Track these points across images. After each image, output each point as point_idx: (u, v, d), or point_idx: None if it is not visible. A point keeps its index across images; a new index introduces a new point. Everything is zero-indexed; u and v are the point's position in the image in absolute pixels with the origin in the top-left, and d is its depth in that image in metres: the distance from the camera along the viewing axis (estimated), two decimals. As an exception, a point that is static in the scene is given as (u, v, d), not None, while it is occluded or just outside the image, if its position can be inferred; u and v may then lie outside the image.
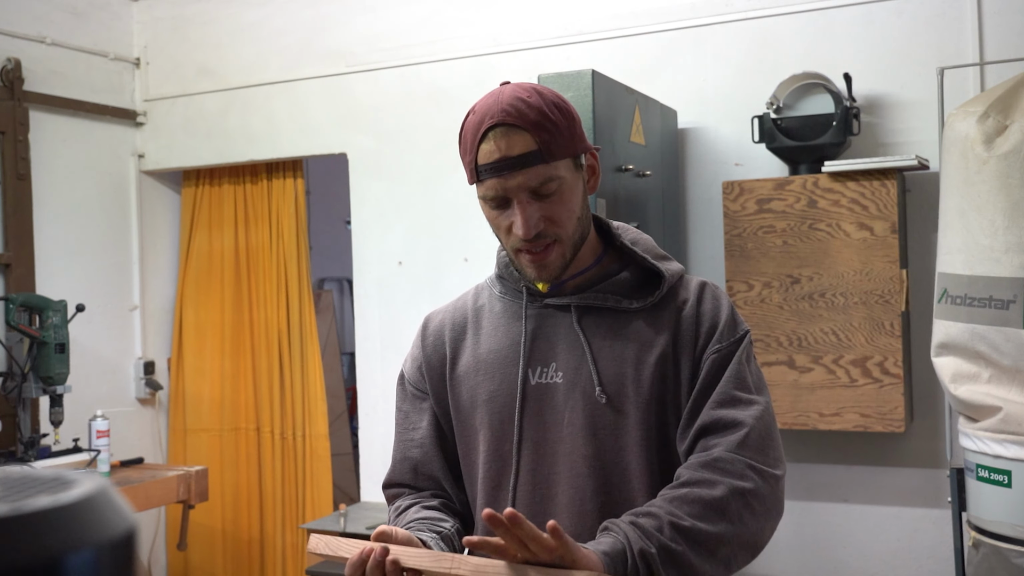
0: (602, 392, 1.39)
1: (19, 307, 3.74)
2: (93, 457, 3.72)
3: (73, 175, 4.30)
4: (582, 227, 1.42)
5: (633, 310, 1.43)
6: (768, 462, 1.34)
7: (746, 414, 1.35)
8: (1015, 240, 2.47)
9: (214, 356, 4.58)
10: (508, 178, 1.34)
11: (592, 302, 1.44)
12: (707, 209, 3.52)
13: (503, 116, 1.34)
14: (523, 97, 1.36)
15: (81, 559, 0.46)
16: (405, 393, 1.58)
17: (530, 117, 1.34)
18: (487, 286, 1.56)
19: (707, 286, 1.47)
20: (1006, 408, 2.48)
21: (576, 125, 1.40)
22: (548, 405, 1.42)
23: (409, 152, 4.05)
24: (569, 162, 1.38)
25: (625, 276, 1.46)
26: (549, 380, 1.43)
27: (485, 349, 1.48)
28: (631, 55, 3.63)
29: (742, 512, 1.30)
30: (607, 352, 1.41)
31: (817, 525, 3.40)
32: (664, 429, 1.40)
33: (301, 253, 4.49)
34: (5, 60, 4.02)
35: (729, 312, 1.44)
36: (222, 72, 4.43)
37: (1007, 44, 3.13)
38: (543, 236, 1.38)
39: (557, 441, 1.40)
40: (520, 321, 1.47)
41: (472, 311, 1.54)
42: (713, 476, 1.30)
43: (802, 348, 3.15)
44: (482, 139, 1.36)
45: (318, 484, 4.40)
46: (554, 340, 1.44)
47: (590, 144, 1.44)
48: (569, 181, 1.38)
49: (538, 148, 1.33)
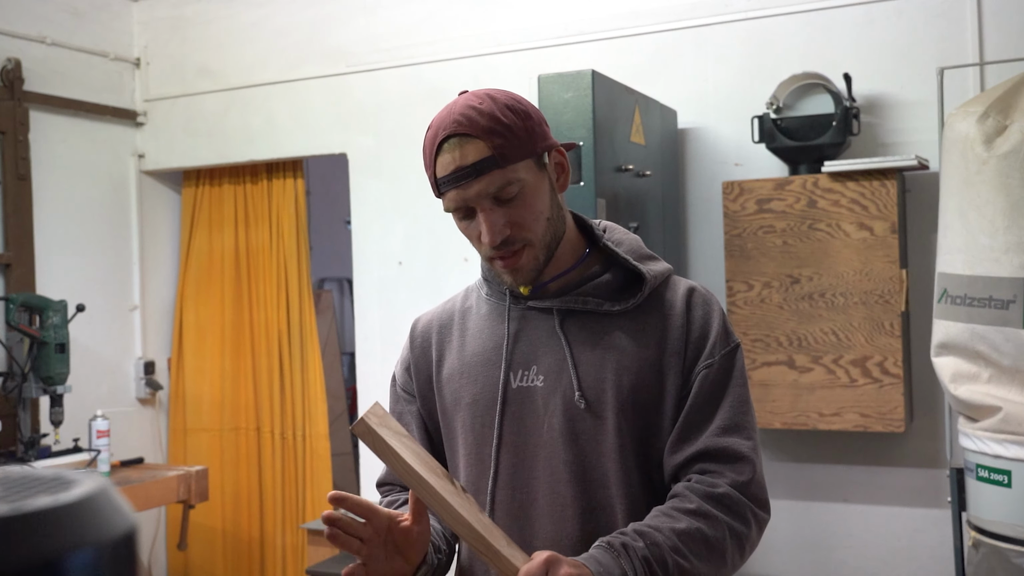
0: (581, 397, 1.37)
1: (19, 307, 3.74)
2: (93, 457, 3.72)
3: (73, 175, 4.30)
4: (553, 227, 1.39)
5: (615, 313, 1.41)
6: (763, 506, 1.37)
7: (748, 446, 1.37)
8: (1015, 240, 2.47)
9: (214, 356, 4.58)
10: (466, 187, 1.33)
11: (573, 305, 1.41)
12: (707, 209, 3.52)
13: (455, 127, 1.33)
14: (474, 105, 1.34)
15: (81, 559, 0.46)
16: (396, 395, 1.58)
17: (480, 124, 1.32)
18: (475, 288, 1.55)
19: (696, 291, 1.44)
20: (1006, 408, 2.48)
21: (534, 124, 1.37)
22: (528, 409, 1.41)
23: (409, 152, 4.05)
24: (530, 163, 1.36)
25: (607, 278, 1.43)
26: (530, 383, 1.41)
27: (470, 351, 1.47)
28: (631, 55, 3.63)
29: (734, 555, 1.34)
30: (588, 357, 1.39)
31: (817, 525, 3.40)
32: (643, 435, 1.38)
33: (301, 253, 4.49)
34: (5, 60, 4.02)
35: (720, 321, 1.41)
36: (222, 72, 4.43)
37: (1007, 44, 3.13)
38: (511, 242, 1.36)
39: (537, 446, 1.38)
40: (503, 323, 1.45)
41: (459, 312, 1.53)
42: (719, 514, 1.31)
43: (802, 348, 3.15)
44: (438, 152, 1.35)
45: (318, 484, 4.40)
46: (536, 343, 1.43)
47: (555, 141, 1.41)
48: (531, 183, 1.35)
49: (492, 154, 1.31)
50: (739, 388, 1.39)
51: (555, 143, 1.41)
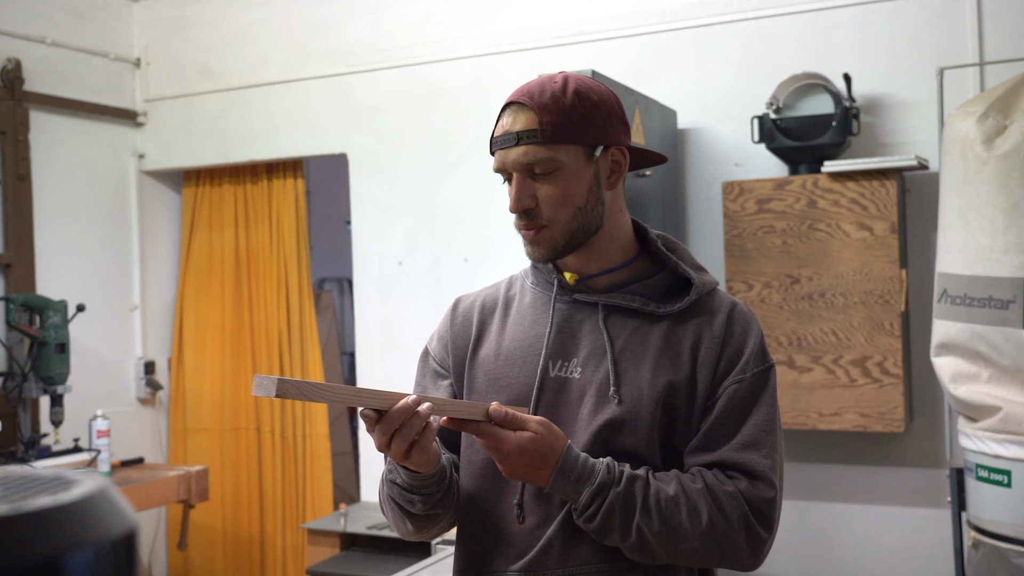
0: (615, 393, 1.39)
1: (19, 307, 3.74)
2: (93, 457, 3.72)
3: (73, 175, 4.30)
4: (584, 218, 1.40)
5: (660, 314, 1.43)
6: (765, 524, 1.37)
7: (767, 464, 1.37)
8: (1015, 240, 2.47)
9: (214, 356, 4.58)
10: (507, 152, 1.38)
11: (620, 302, 1.43)
12: (707, 209, 3.53)
13: (519, 95, 1.39)
14: (546, 80, 1.40)
15: (81, 559, 0.46)
16: (427, 368, 1.57)
17: (539, 99, 1.37)
18: (521, 276, 1.57)
19: (738, 307, 1.45)
20: (1006, 408, 2.48)
21: (599, 115, 1.39)
22: (563, 398, 1.42)
23: (409, 152, 4.05)
24: (578, 150, 1.38)
25: (657, 280, 1.45)
26: (568, 375, 1.43)
27: (510, 337, 1.48)
28: (631, 55, 3.63)
29: (707, 550, 1.34)
30: (628, 355, 1.41)
31: (817, 525, 3.40)
32: (667, 436, 1.40)
33: (301, 253, 4.49)
34: (5, 60, 4.02)
35: (757, 340, 1.43)
36: (222, 72, 4.43)
37: (1007, 44, 3.13)
38: (532, 216, 1.39)
39: (568, 435, 1.40)
40: (548, 312, 1.47)
41: (503, 298, 1.54)
42: (709, 503, 1.33)
43: (802, 348, 3.16)
44: (500, 115, 1.41)
45: (318, 484, 4.41)
46: (578, 335, 1.44)
47: (621, 140, 1.42)
48: (571, 167, 1.37)
49: (538, 128, 1.36)
50: (767, 408, 1.40)
51: (618, 141, 1.42)
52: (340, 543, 3.79)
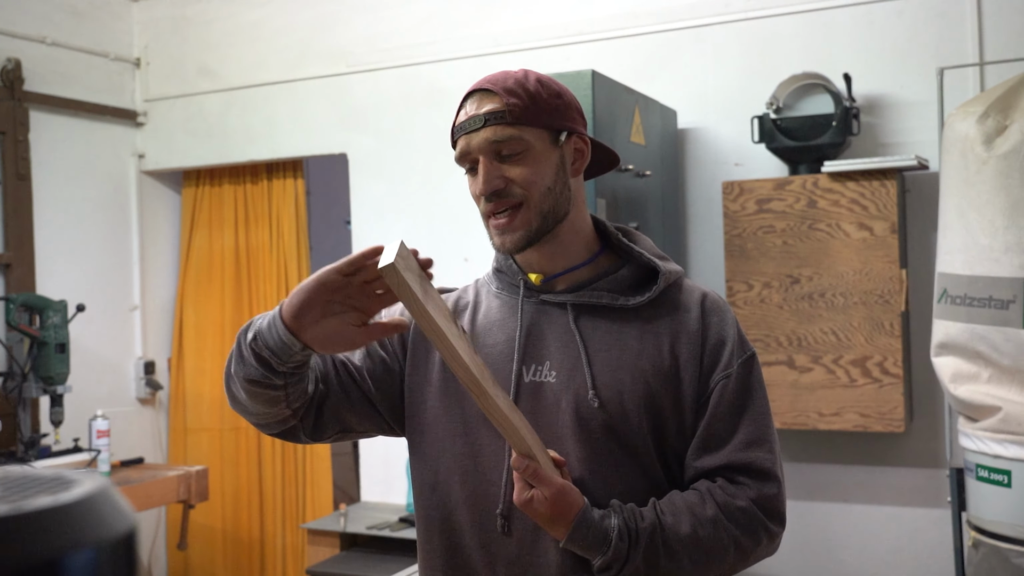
0: (595, 396, 1.36)
1: (19, 307, 3.74)
2: (93, 457, 3.72)
3: (73, 175, 4.30)
4: (553, 200, 1.38)
5: (630, 308, 1.40)
6: (780, 522, 1.40)
7: (772, 460, 1.39)
8: (1015, 240, 2.47)
9: (214, 356, 4.58)
10: (472, 136, 1.37)
11: (588, 299, 1.41)
12: (707, 209, 3.52)
13: (482, 83, 1.39)
14: (508, 72, 1.41)
15: (81, 559, 0.46)
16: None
17: (504, 84, 1.37)
18: (485, 282, 1.53)
19: (709, 296, 1.44)
20: (1006, 408, 2.48)
21: (562, 103, 1.39)
22: (540, 404, 1.39)
23: (409, 152, 4.05)
24: (543, 133, 1.37)
25: (623, 273, 1.43)
26: (542, 379, 1.40)
27: (479, 344, 1.45)
28: (631, 55, 3.63)
29: (735, 564, 1.37)
30: (603, 355, 1.38)
31: (817, 525, 3.40)
32: (654, 437, 1.38)
33: (301, 253, 4.49)
34: (5, 60, 4.02)
35: (736, 329, 1.42)
36: (222, 72, 4.43)
37: (1007, 44, 3.13)
38: (505, 195, 1.36)
39: (548, 441, 1.37)
40: (516, 316, 1.44)
41: (472, 304, 1.51)
42: (730, 527, 1.34)
43: (802, 348, 3.15)
44: (461, 106, 1.40)
45: (318, 484, 4.41)
46: (549, 338, 1.41)
47: (583, 130, 1.43)
48: (538, 149, 1.37)
49: (505, 108, 1.35)
50: (760, 399, 1.40)
51: (581, 131, 1.42)
52: (340, 543, 3.78)
